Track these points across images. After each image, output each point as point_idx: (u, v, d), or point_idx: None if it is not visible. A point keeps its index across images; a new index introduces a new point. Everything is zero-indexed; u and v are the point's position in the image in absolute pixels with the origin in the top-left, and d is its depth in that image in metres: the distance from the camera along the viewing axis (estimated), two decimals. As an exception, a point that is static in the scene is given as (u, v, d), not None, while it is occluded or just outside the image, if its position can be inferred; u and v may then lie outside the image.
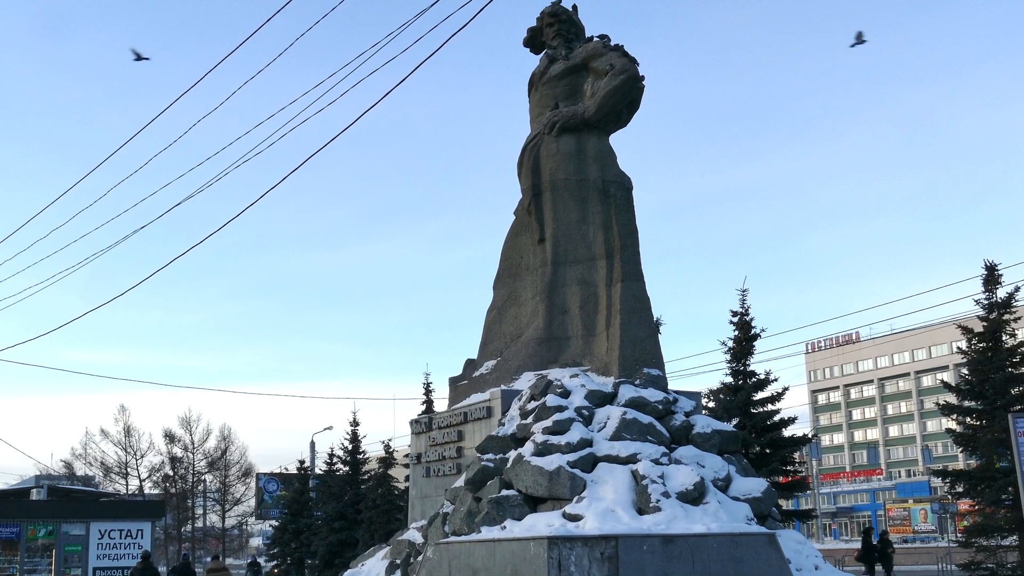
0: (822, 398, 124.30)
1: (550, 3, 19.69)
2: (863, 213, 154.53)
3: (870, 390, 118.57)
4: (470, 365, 19.12)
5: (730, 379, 24.09)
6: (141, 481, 60.16)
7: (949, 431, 26.22)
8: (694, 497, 13.40)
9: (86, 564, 28.02)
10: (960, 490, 24.61)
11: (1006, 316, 23.23)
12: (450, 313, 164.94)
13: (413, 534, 16.68)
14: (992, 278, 23.36)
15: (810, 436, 29.92)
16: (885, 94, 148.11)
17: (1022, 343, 23.15)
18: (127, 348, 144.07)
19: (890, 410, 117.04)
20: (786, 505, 25.88)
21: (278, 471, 59.78)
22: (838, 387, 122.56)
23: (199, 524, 66.43)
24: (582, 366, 16.93)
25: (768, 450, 23.30)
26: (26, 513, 29.26)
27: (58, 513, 29.06)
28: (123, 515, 29.63)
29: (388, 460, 35.30)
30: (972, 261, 55.38)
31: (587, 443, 14.42)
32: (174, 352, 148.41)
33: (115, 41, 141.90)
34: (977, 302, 23.68)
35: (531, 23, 19.86)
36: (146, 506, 36.95)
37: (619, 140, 18.69)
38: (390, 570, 16.12)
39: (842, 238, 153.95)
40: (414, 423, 19.39)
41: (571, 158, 17.99)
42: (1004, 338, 23.27)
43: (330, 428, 68.81)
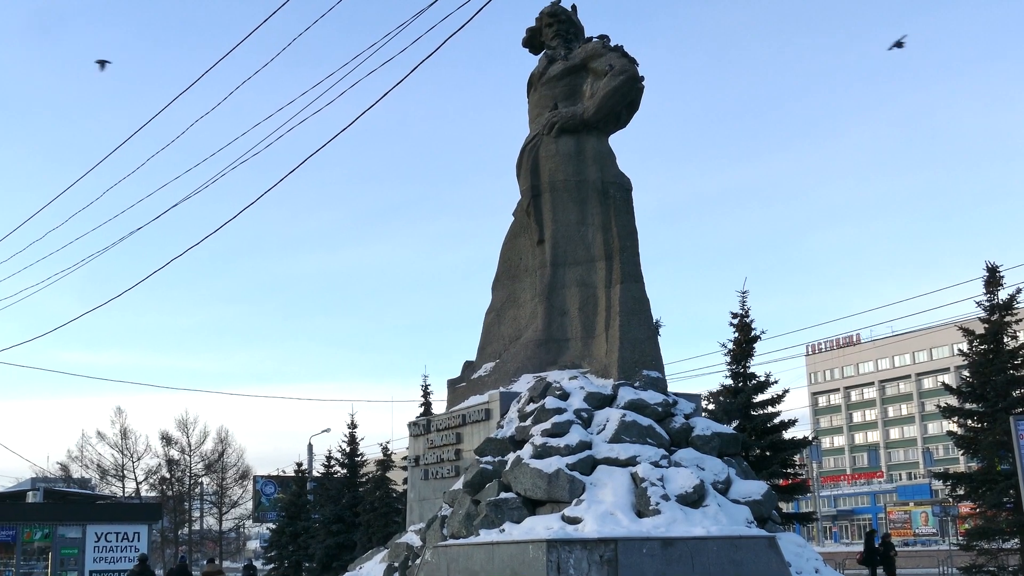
0: (822, 400, 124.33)
1: (549, 3, 19.61)
2: (863, 214, 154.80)
3: (871, 392, 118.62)
4: (468, 367, 19.05)
5: (730, 381, 24.02)
6: (138, 484, 60.05)
7: (950, 433, 26.12)
8: (694, 500, 13.37)
9: (82, 567, 27.91)
10: (961, 493, 24.56)
11: (1007, 318, 23.19)
12: (449, 315, 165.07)
13: (411, 537, 16.62)
14: (993, 280, 23.33)
15: (810, 439, 29.84)
16: (885, 94, 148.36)
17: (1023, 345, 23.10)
18: (124, 350, 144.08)
19: (891, 412, 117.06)
20: (786, 508, 25.75)
21: (275, 474, 59.69)
22: (838, 389, 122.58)
23: (196, 527, 66.25)
24: (581, 368, 16.84)
25: (768, 453, 23.22)
26: (22, 516, 29.15)
27: (54, 516, 28.94)
28: (120, 518, 29.53)
29: (386, 463, 35.21)
30: (973, 263, 55.44)
31: (586, 445, 14.36)
32: (171, 354, 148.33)
33: (112, 41, 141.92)
34: (978, 304, 23.66)
35: (530, 23, 19.79)
36: (143, 509, 36.84)
37: (618, 141, 18.65)
38: (388, 573, 16.05)
39: (842, 239, 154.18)
40: (412, 425, 19.33)
41: (570, 159, 17.91)
42: (1005, 340, 23.24)
43: (328, 431, 68.55)
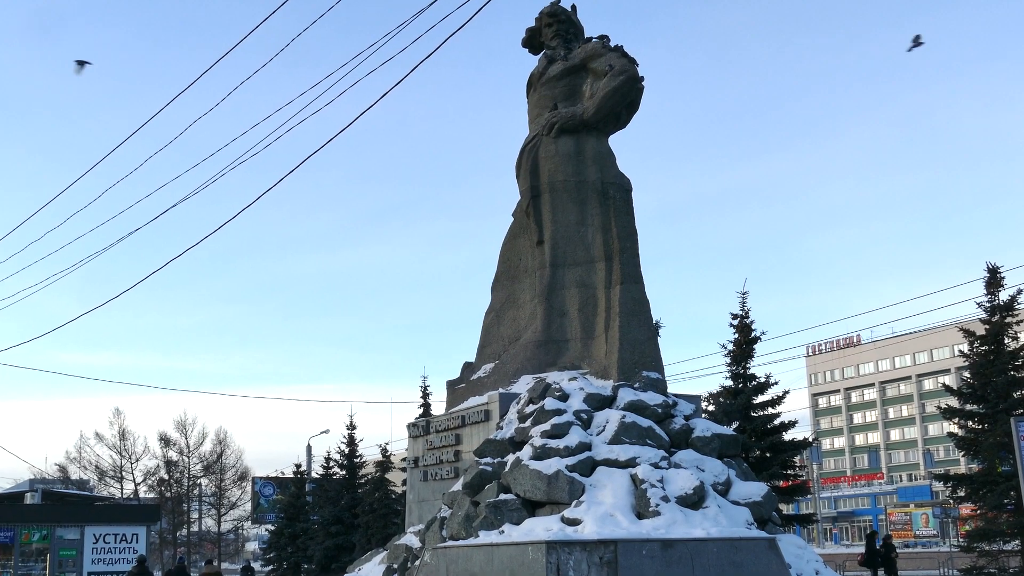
0: (823, 401, 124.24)
1: (549, 3, 19.56)
2: (864, 215, 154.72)
3: (871, 393, 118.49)
4: (468, 368, 19.00)
5: (730, 382, 24.01)
6: (136, 485, 60.03)
7: (951, 435, 26.12)
8: (694, 501, 13.33)
9: (81, 569, 27.86)
10: (962, 494, 24.56)
11: (1008, 319, 23.19)
12: (448, 316, 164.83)
13: (410, 538, 16.57)
14: (994, 281, 23.34)
15: (811, 440, 29.81)
16: (885, 94, 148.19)
17: (1024, 346, 23.09)
18: (122, 351, 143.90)
19: (891, 414, 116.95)
20: (786, 509, 25.71)
21: (274, 475, 59.67)
22: (839, 390, 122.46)
23: (195, 528, 66.19)
24: (581, 369, 16.79)
25: (768, 454, 23.21)
26: (20, 517, 29.10)
27: (52, 517, 28.88)
28: (118, 519, 29.49)
29: (385, 464, 35.22)
30: (974, 263, 55.42)
31: (586, 447, 14.31)
32: (170, 355, 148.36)
33: (110, 42, 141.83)
34: (979, 305, 23.67)
35: (530, 23, 19.74)
36: (141, 510, 36.81)
37: (618, 141, 18.59)
38: (387, 575, 15.99)
39: (843, 240, 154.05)
40: (411, 427, 19.28)
41: (570, 160, 17.86)
42: (1006, 341, 23.25)
43: (327, 432, 68.37)
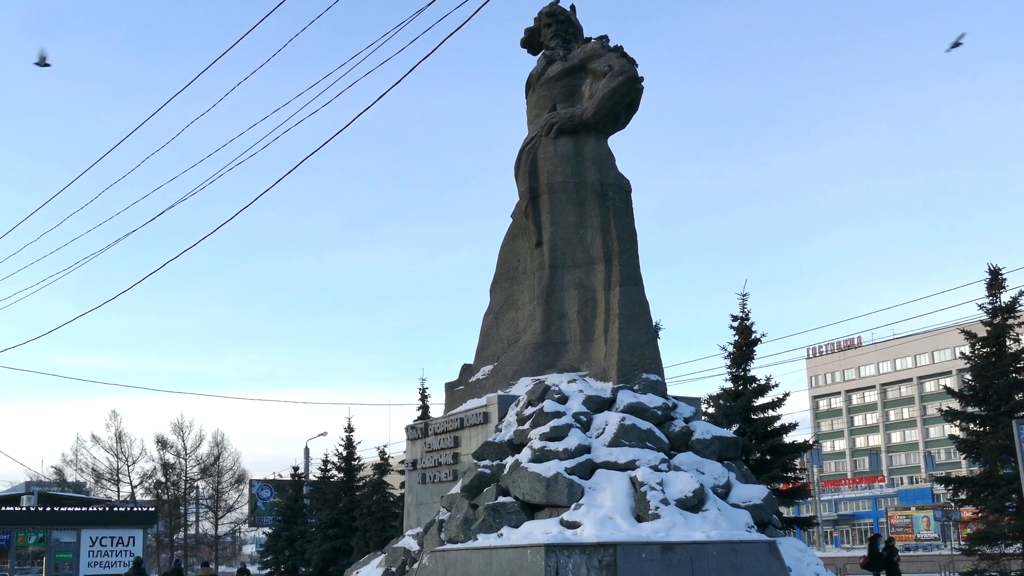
0: (823, 404, 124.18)
1: (548, 3, 19.47)
2: (865, 216, 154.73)
3: (872, 396, 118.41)
4: (466, 370, 18.91)
5: (730, 384, 23.97)
6: (133, 488, 60.00)
7: (952, 437, 26.03)
8: (693, 504, 13.25)
9: (77, 571, 27.81)
10: (963, 497, 24.48)
11: (1010, 321, 23.14)
12: (446, 318, 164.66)
13: (409, 541, 16.47)
14: (996, 282, 23.28)
15: (811, 442, 29.78)
16: (886, 95, 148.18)
17: (1026, 348, 23.02)
18: (119, 353, 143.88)
19: (892, 416, 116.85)
20: (787, 512, 25.60)
21: (272, 477, 59.62)
22: (839, 392, 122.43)
23: (192, 531, 66.12)
24: (580, 371, 16.70)
25: (769, 456, 23.16)
26: (16, 520, 29.03)
27: (49, 520, 28.82)
28: (114, 522, 29.46)
29: (383, 466, 35.13)
30: (976, 265, 55.13)
31: (585, 449, 14.23)
32: (167, 357, 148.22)
33: (107, 42, 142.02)
34: (981, 307, 23.61)
35: (529, 23, 19.65)
36: (138, 513, 36.64)
37: (618, 142, 18.47)
38: (384, 579, 15.87)
39: (844, 241, 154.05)
40: (410, 429, 19.19)
41: (569, 160, 17.76)
42: (1008, 343, 23.19)
43: (324, 434, 68.11)
